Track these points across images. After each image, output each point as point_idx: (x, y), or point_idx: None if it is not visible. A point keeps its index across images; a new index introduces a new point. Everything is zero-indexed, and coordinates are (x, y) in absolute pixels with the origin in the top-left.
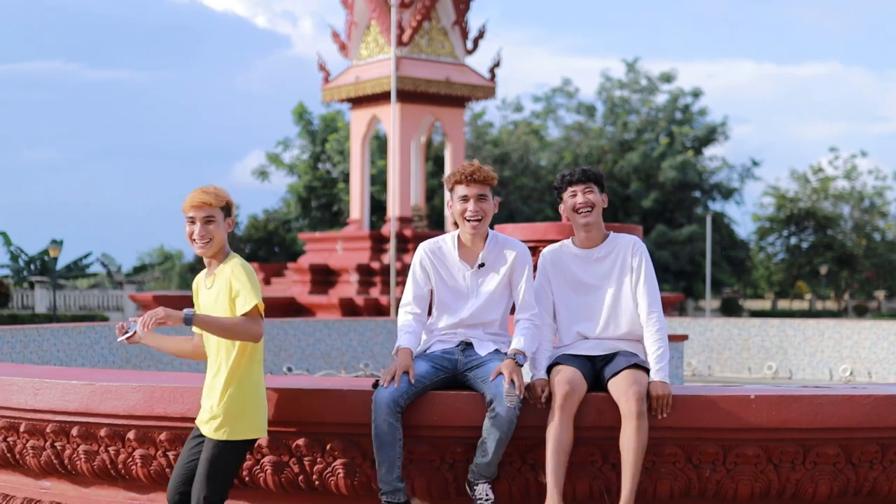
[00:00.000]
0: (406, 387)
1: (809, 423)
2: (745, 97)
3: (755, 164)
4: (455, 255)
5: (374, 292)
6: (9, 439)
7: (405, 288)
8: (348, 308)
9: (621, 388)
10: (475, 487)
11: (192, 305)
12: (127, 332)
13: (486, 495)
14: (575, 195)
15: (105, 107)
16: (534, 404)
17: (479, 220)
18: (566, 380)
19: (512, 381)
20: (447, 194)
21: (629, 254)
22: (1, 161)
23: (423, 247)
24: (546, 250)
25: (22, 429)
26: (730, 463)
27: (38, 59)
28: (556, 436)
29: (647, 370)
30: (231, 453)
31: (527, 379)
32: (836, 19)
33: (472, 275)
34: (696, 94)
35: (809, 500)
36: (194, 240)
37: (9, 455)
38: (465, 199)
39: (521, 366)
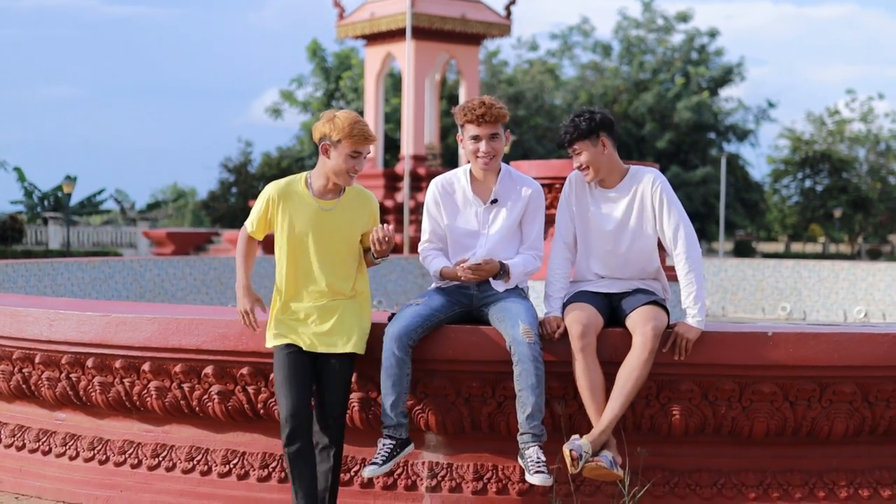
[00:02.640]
0: (417, 321)
1: (827, 360)
2: (762, 39)
3: (771, 105)
4: (468, 190)
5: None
6: (24, 370)
7: (422, 225)
8: None
9: (638, 321)
10: (525, 453)
11: (208, 241)
12: None
13: (538, 457)
14: (571, 157)
15: (121, 44)
16: (548, 339)
17: (490, 159)
18: (580, 318)
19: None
20: (460, 129)
21: (648, 191)
22: (16, 97)
23: (436, 181)
24: (574, 177)
25: (37, 360)
26: (746, 400)
27: None
28: (587, 378)
29: (665, 308)
30: None
31: (541, 315)
32: None
33: (484, 210)
34: (713, 34)
35: (825, 439)
36: (351, 174)
37: (24, 386)
38: (476, 138)
39: (501, 280)
